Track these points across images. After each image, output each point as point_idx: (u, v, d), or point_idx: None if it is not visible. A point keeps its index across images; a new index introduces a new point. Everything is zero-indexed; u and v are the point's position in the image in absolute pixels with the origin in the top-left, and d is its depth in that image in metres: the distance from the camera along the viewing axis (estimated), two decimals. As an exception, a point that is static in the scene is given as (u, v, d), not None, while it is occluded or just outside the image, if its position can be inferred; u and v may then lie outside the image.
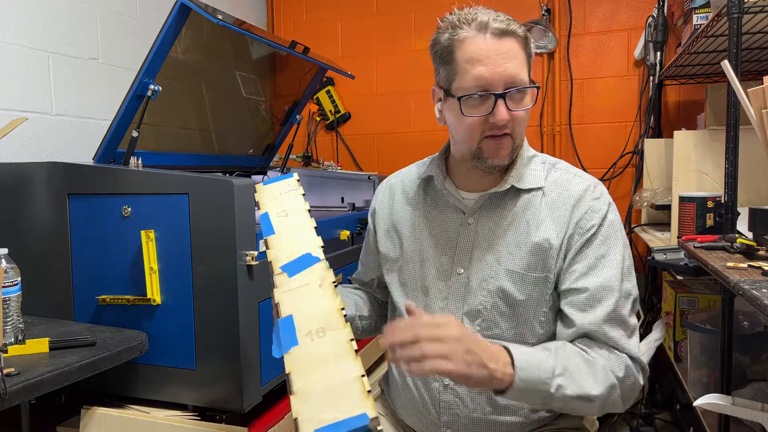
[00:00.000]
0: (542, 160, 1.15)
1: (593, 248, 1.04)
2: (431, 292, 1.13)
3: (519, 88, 1.02)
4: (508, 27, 1.01)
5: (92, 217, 1.56)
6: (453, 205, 1.13)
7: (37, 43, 1.93)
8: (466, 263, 1.10)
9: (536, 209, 1.08)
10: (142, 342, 1.41)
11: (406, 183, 1.24)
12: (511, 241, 1.07)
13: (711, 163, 1.86)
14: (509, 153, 1.07)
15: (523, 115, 1.05)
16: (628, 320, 1.03)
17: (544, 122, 2.82)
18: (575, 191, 1.08)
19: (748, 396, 1.46)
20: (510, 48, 1.01)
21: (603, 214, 1.06)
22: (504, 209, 1.10)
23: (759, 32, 1.64)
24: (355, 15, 3.10)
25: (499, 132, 1.04)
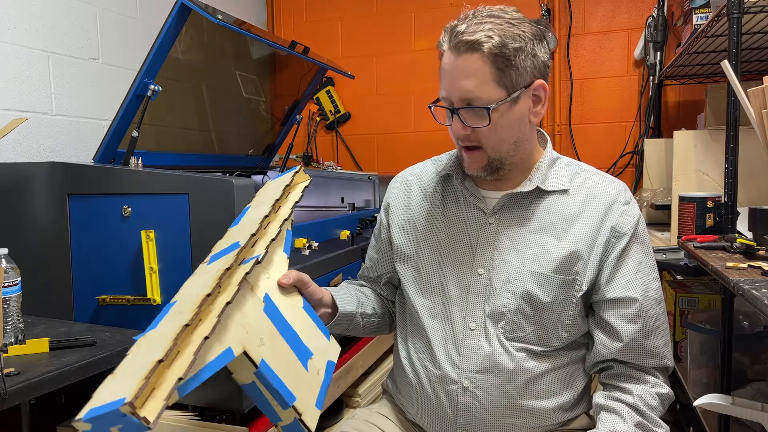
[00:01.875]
0: (567, 162, 1.12)
1: (633, 254, 1.03)
2: (450, 293, 1.09)
3: (468, 108, 0.98)
4: (473, 41, 0.96)
5: (92, 217, 1.56)
6: (473, 204, 1.10)
7: (37, 43, 1.93)
8: (488, 264, 1.07)
9: (563, 211, 1.05)
10: (142, 342, 1.40)
11: (423, 179, 1.20)
12: (535, 243, 1.05)
13: (711, 163, 1.86)
14: (482, 166, 1.04)
15: (485, 130, 1.00)
16: (667, 328, 1.06)
17: (544, 122, 2.82)
18: (607, 194, 1.06)
19: (748, 396, 1.46)
20: (468, 65, 0.97)
21: (636, 218, 1.05)
22: (527, 210, 1.07)
23: (759, 32, 1.64)
24: (355, 15, 3.10)
25: (463, 144, 1.03)
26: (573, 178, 1.08)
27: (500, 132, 1.00)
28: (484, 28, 0.96)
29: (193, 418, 1.53)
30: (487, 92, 0.97)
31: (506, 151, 1.03)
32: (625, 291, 1.02)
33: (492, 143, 1.01)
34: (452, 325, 1.08)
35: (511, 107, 0.99)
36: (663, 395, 1.02)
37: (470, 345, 1.05)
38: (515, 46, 0.96)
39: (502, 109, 0.98)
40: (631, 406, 0.99)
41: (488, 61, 0.96)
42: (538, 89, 1.01)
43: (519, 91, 0.99)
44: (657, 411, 1.00)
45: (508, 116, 0.99)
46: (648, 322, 1.02)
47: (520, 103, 1.00)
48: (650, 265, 1.05)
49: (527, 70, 0.98)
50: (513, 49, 0.96)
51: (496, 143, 1.01)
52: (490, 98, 0.97)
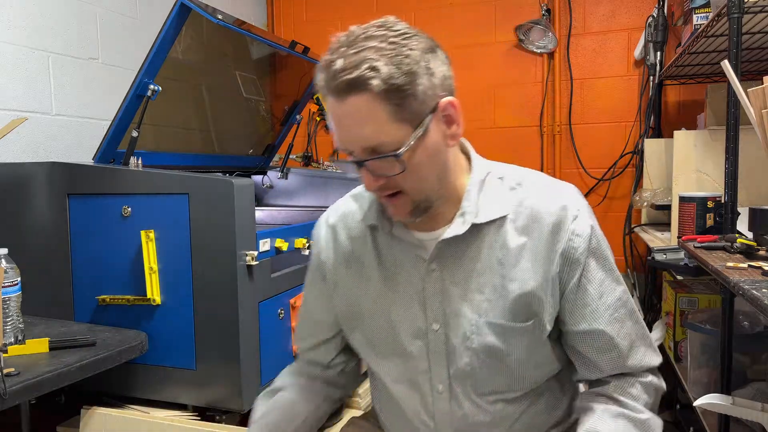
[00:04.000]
0: (499, 174, 0.95)
1: (592, 277, 0.91)
2: (410, 355, 0.97)
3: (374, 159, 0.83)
4: (354, 80, 0.78)
5: (92, 217, 1.56)
6: (410, 252, 0.95)
7: (37, 43, 1.93)
8: (441, 317, 0.94)
9: (506, 243, 0.91)
10: (142, 342, 1.41)
11: (350, 224, 1.03)
12: (486, 287, 0.92)
13: (711, 163, 1.86)
14: (408, 212, 0.89)
15: (402, 176, 0.84)
16: (642, 329, 0.96)
17: (544, 122, 2.82)
18: (550, 215, 0.91)
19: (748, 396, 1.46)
20: (357, 110, 0.80)
21: (588, 234, 0.90)
22: (469, 249, 0.93)
23: (759, 32, 1.64)
24: (355, 15, 3.10)
25: (383, 194, 0.89)
26: (510, 197, 0.93)
27: (418, 172, 0.86)
28: (365, 59, 0.79)
29: (193, 418, 1.53)
30: (390, 135, 0.81)
31: (431, 189, 0.89)
32: (593, 323, 0.91)
33: (413, 186, 0.87)
34: (419, 389, 0.98)
35: (423, 141, 0.84)
36: (645, 382, 0.94)
37: (442, 409, 0.97)
38: (407, 71, 0.80)
39: (413, 147, 0.83)
40: (609, 397, 0.93)
41: (380, 99, 0.79)
42: (447, 108, 0.86)
43: (426, 120, 0.83)
44: (637, 398, 0.93)
45: (422, 153, 0.84)
46: (624, 343, 0.92)
47: (431, 132, 0.84)
48: (612, 279, 0.93)
49: (427, 93, 0.83)
50: (405, 75, 0.80)
51: (417, 185, 0.87)
52: (395, 141, 0.82)
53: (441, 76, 0.85)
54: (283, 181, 2.50)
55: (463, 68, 2.92)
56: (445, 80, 0.87)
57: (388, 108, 0.80)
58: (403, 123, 0.82)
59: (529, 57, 2.83)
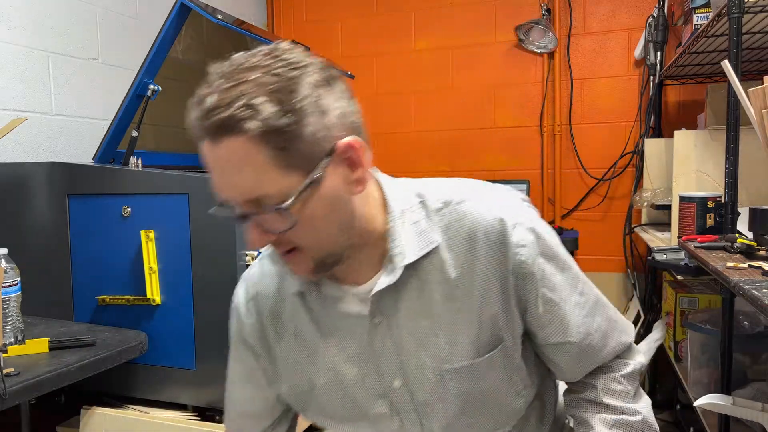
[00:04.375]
0: (420, 198, 0.83)
1: (549, 284, 0.83)
2: (376, 418, 0.87)
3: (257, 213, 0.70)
4: (227, 120, 0.65)
5: (92, 217, 1.56)
6: (347, 310, 0.84)
7: (37, 43, 1.93)
8: (400, 372, 0.83)
9: (448, 276, 0.81)
10: (142, 342, 1.41)
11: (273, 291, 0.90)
12: (439, 329, 0.82)
13: (711, 163, 1.86)
14: (311, 270, 0.77)
15: (294, 232, 0.72)
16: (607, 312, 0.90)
17: (544, 122, 2.82)
18: (487, 232, 0.80)
19: (748, 396, 1.46)
20: (233, 154, 0.67)
21: (533, 240, 0.81)
22: (410, 291, 0.81)
23: (759, 32, 1.64)
24: (355, 15, 3.10)
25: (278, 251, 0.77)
26: (437, 222, 0.82)
27: (314, 226, 0.73)
28: (242, 94, 0.66)
29: (192, 418, 1.53)
30: (275, 184, 0.68)
31: (334, 243, 0.76)
32: (566, 335, 0.85)
33: (309, 242, 0.74)
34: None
35: (318, 190, 0.70)
36: (628, 373, 0.91)
37: None
38: (291, 109, 0.66)
39: (304, 197, 0.69)
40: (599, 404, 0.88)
41: (259, 142, 0.66)
42: (347, 151, 0.71)
43: (320, 165, 0.69)
44: (625, 395, 0.89)
45: (317, 203, 0.71)
46: (597, 340, 0.87)
47: (328, 179, 0.70)
48: (570, 276, 0.86)
49: (318, 135, 0.69)
50: (290, 114, 0.66)
51: (314, 241, 0.74)
52: (281, 192, 0.68)
53: (338, 114, 0.71)
54: (283, 181, 2.50)
55: (463, 68, 2.93)
56: (345, 117, 0.72)
57: (269, 153, 0.67)
58: (290, 170, 0.68)
59: (529, 57, 2.83)
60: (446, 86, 2.93)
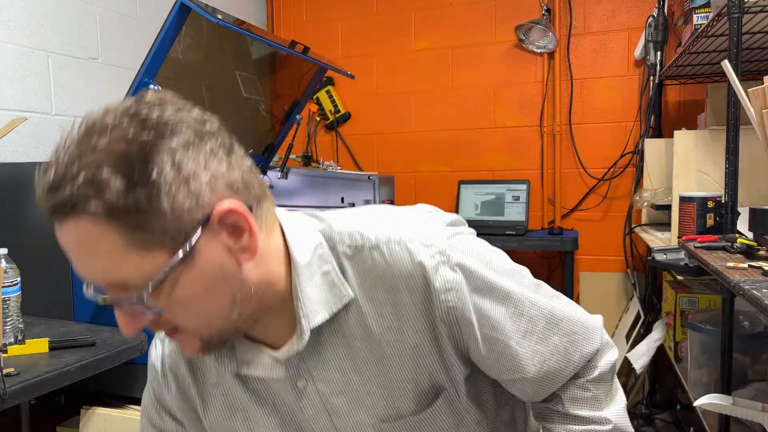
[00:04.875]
0: (328, 242, 0.72)
1: (493, 325, 0.74)
2: None
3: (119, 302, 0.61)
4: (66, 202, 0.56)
5: (92, 217, 1.56)
6: (265, 378, 0.76)
7: (37, 43, 1.93)
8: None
9: (371, 330, 0.72)
10: (142, 342, 1.41)
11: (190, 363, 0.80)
12: (373, 385, 0.74)
13: (711, 163, 1.86)
14: (201, 349, 0.67)
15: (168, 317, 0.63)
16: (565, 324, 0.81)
17: (544, 122, 2.82)
18: (408, 282, 0.70)
19: (748, 396, 1.46)
20: (81, 237, 0.58)
21: (460, 280, 0.71)
22: (333, 349, 0.73)
23: (759, 32, 1.64)
24: (355, 15, 3.10)
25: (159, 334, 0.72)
26: (349, 271, 0.72)
27: (191, 306, 0.63)
28: (86, 166, 0.56)
29: (193, 418, 1.53)
30: (135, 268, 0.58)
31: (224, 320, 0.65)
32: (519, 372, 0.77)
33: (190, 322, 0.64)
34: None
35: (190, 267, 0.60)
36: (595, 378, 0.83)
37: None
38: (146, 181, 0.56)
39: (172, 279, 0.60)
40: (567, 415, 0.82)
41: (107, 223, 0.56)
42: (226, 217, 0.61)
43: (191, 240, 0.59)
44: (593, 401, 0.82)
45: (192, 282, 0.61)
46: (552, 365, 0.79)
47: (204, 253, 0.60)
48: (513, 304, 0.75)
49: (184, 206, 0.58)
50: (143, 188, 0.56)
51: (195, 322, 0.65)
52: (144, 275, 0.58)
53: (210, 178, 0.60)
54: (282, 181, 2.51)
55: (463, 68, 2.93)
56: (220, 179, 0.61)
57: (120, 234, 0.57)
58: (151, 250, 0.58)
59: (529, 57, 2.83)
60: (446, 86, 2.93)
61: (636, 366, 2.13)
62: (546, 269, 2.84)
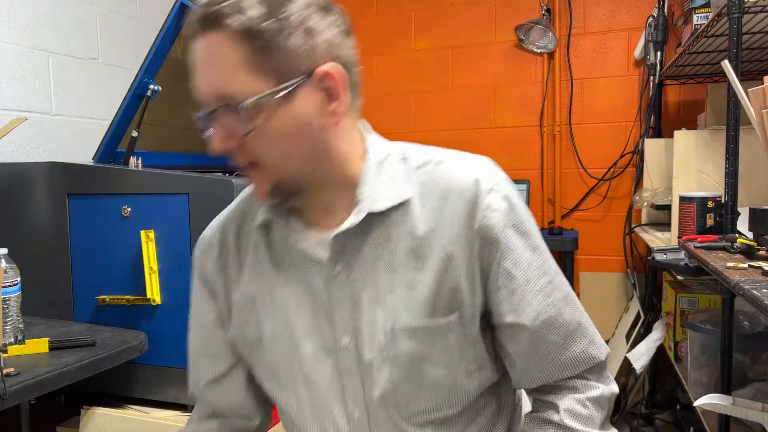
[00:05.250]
0: (401, 155, 0.83)
1: (517, 257, 0.79)
2: (318, 380, 0.82)
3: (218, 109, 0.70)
4: (213, 13, 0.68)
5: (92, 217, 1.56)
6: (308, 253, 0.81)
7: (37, 43, 1.93)
8: (351, 328, 0.80)
9: (413, 230, 0.78)
10: (142, 342, 1.41)
11: (239, 231, 0.89)
12: (398, 285, 0.78)
13: (711, 163, 1.86)
14: (268, 190, 0.76)
15: (252, 139, 0.71)
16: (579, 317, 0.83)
17: (544, 122, 2.82)
18: (461, 191, 0.78)
19: (748, 396, 1.46)
20: (211, 48, 0.69)
21: (505, 208, 0.79)
22: (374, 243, 0.79)
23: (759, 32, 1.64)
24: (355, 15, 3.09)
25: (236, 164, 0.76)
26: (413, 178, 0.81)
27: (277, 140, 0.72)
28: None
29: (193, 418, 1.53)
30: (242, 84, 0.68)
31: (297, 168, 0.75)
32: (521, 315, 0.79)
33: (270, 157, 0.73)
34: (333, 421, 0.83)
35: (286, 105, 0.70)
36: (595, 398, 0.82)
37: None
38: (276, 17, 0.68)
39: (270, 107, 0.69)
40: (560, 426, 0.81)
41: (237, 40, 0.68)
42: (325, 79, 0.72)
43: (293, 81, 0.70)
44: (590, 421, 0.81)
45: (283, 118, 0.70)
46: (560, 332, 0.80)
47: (299, 99, 0.71)
48: (540, 259, 0.81)
49: (300, 51, 0.69)
50: (273, 22, 0.68)
51: (275, 157, 0.73)
52: (244, 92, 0.69)
53: (325, 40, 0.72)
54: (283, 181, 2.50)
55: (463, 68, 2.93)
56: (332, 47, 0.73)
57: (244, 53, 0.68)
58: (261, 76, 0.69)
59: (529, 57, 2.83)
60: (446, 86, 2.93)
61: (636, 366, 2.13)
62: (546, 269, 2.83)
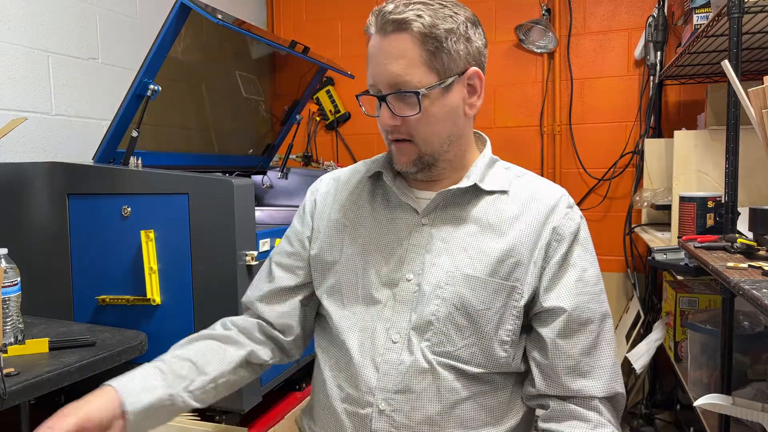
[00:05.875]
0: (506, 165, 1.05)
1: (576, 260, 0.96)
2: (374, 302, 0.98)
3: (396, 93, 0.91)
4: (401, 20, 0.89)
5: (92, 217, 1.56)
6: (405, 203, 1.00)
7: (37, 43, 1.92)
8: (418, 268, 0.96)
9: (502, 212, 0.97)
10: (142, 342, 1.41)
11: (352, 179, 1.10)
12: (471, 244, 0.95)
13: (711, 163, 1.86)
14: (412, 161, 0.96)
15: (415, 120, 0.92)
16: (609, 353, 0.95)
17: (544, 122, 2.82)
18: (549, 197, 0.98)
19: (748, 396, 1.46)
20: (395, 46, 0.90)
21: (578, 224, 0.97)
22: (464, 210, 0.98)
23: (759, 32, 1.64)
24: (355, 15, 3.10)
25: (393, 137, 0.96)
26: (513, 181, 1.02)
27: (432, 122, 0.93)
28: (414, 8, 0.90)
29: (193, 418, 1.53)
30: (417, 76, 0.90)
31: (439, 146, 0.96)
32: (564, 300, 0.93)
33: (423, 135, 0.94)
34: (373, 339, 0.95)
35: (444, 95, 0.92)
36: None
37: (390, 360, 0.93)
38: (447, 27, 0.90)
39: (434, 95, 0.91)
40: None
41: (417, 41, 0.89)
42: (473, 78, 0.94)
43: (452, 77, 0.92)
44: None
45: (441, 105, 0.92)
46: (589, 337, 0.93)
47: (454, 91, 0.93)
48: (595, 275, 0.97)
49: (460, 55, 0.92)
50: (444, 30, 0.90)
51: (427, 135, 0.94)
52: (420, 82, 0.90)
53: (476, 48, 0.94)
54: (283, 181, 2.50)
55: (463, 68, 2.92)
56: (480, 54, 0.95)
57: (421, 52, 0.89)
58: (431, 71, 0.90)
59: (529, 57, 2.83)
60: (446, 86, 2.93)
61: (636, 366, 2.13)
62: (546, 269, 2.83)
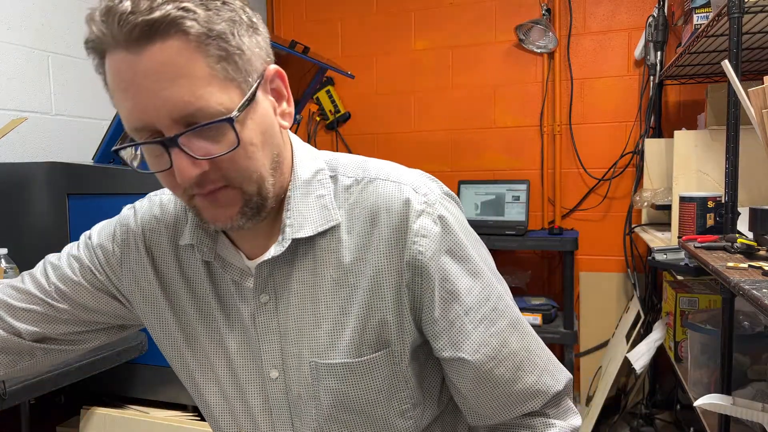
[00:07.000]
0: (330, 171, 0.75)
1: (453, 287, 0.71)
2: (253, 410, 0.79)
3: (194, 128, 0.60)
4: (158, 20, 0.56)
5: (92, 217, 1.55)
6: (237, 280, 0.76)
7: (37, 43, 1.93)
8: (278, 362, 0.76)
9: (342, 260, 0.72)
10: (142, 342, 1.41)
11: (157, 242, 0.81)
12: (324, 319, 0.73)
13: (711, 163, 1.86)
14: (238, 211, 0.67)
15: (229, 156, 0.62)
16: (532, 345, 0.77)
17: (544, 122, 2.82)
18: (390, 215, 0.71)
19: (748, 396, 1.46)
20: (164, 61, 0.58)
21: (437, 232, 0.71)
22: (300, 272, 0.74)
23: (759, 32, 1.64)
24: (355, 15, 3.10)
25: (201, 190, 0.64)
26: (343, 200, 0.74)
27: (252, 152, 0.64)
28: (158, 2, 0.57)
29: (193, 418, 1.53)
30: (214, 96, 0.60)
31: (265, 180, 0.67)
32: (461, 348, 0.72)
33: (245, 172, 0.65)
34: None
35: (253, 113, 0.64)
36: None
37: None
38: (227, 18, 0.60)
39: (242, 118, 0.62)
40: None
41: (195, 47, 0.58)
42: (275, 79, 0.68)
43: (254, 84, 0.64)
44: None
45: (254, 126, 0.64)
46: (508, 364, 0.74)
47: (260, 102, 0.65)
48: (482, 286, 0.73)
49: (254, 52, 0.64)
50: (226, 23, 0.60)
51: (248, 171, 0.65)
52: (221, 104, 0.60)
53: (265, 39, 0.67)
54: (283, 181, 2.50)
55: (463, 68, 2.93)
56: (269, 47, 0.68)
57: (207, 60, 0.59)
58: (228, 84, 0.61)
59: (529, 57, 2.83)
60: (446, 86, 2.93)
61: (636, 366, 2.13)
62: (546, 269, 2.84)
